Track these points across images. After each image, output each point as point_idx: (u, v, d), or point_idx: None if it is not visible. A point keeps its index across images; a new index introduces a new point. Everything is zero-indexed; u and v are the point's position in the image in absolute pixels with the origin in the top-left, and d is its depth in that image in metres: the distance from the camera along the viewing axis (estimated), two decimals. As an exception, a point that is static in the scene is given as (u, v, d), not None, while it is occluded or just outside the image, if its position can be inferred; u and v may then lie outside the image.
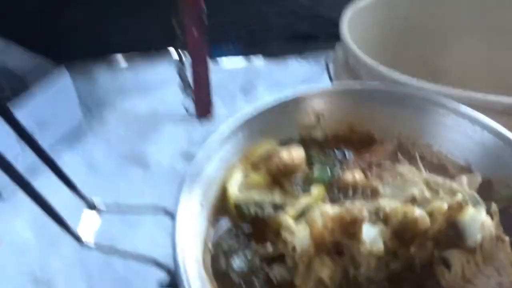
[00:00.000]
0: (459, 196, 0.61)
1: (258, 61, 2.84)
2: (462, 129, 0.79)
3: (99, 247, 0.66)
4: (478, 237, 0.58)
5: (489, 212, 0.60)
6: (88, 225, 0.68)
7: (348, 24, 1.25)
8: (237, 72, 2.73)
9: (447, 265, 0.62)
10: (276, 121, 0.88)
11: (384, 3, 1.42)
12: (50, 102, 2.17)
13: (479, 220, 0.59)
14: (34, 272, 1.69)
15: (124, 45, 2.74)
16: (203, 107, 2.31)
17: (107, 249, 0.67)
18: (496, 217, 0.60)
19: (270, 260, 0.67)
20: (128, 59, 2.80)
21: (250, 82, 2.63)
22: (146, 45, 2.75)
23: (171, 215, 0.69)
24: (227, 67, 2.78)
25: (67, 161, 2.20)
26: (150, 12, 2.48)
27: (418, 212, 0.60)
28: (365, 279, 0.62)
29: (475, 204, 0.62)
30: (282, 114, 0.88)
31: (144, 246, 1.67)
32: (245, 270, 0.66)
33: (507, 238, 0.60)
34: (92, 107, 2.46)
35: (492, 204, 0.62)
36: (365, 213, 0.59)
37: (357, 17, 1.34)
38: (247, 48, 2.83)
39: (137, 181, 2.04)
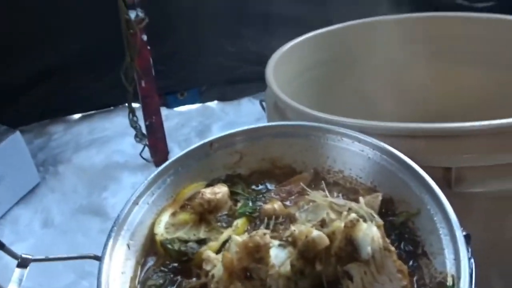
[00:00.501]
0: (353, 215, 0.69)
1: (212, 104, 2.95)
2: (365, 154, 0.89)
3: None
4: (369, 249, 0.65)
5: (377, 226, 0.68)
6: (16, 279, 0.72)
7: (275, 67, 1.37)
8: (192, 115, 2.82)
9: (350, 278, 0.69)
10: (203, 164, 0.95)
11: (309, 41, 1.55)
12: (5, 165, 2.19)
13: (370, 234, 0.67)
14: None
15: (79, 104, 2.80)
16: (159, 154, 2.37)
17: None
18: (381, 230, 0.68)
19: (194, 292, 0.73)
20: (84, 116, 2.85)
21: (205, 124, 2.73)
22: (101, 102, 2.82)
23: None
24: (182, 111, 2.87)
25: (23, 219, 2.19)
26: (102, 69, 2.57)
27: (315, 233, 0.67)
28: (277, 299, 0.68)
29: (369, 220, 0.70)
30: (208, 158, 0.95)
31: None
32: (170, 304, 0.71)
33: (393, 248, 0.67)
34: (48, 164, 2.48)
35: (377, 219, 0.70)
36: (267, 239, 0.66)
37: (285, 58, 1.46)
38: (203, 95, 2.94)
39: (95, 233, 2.05)
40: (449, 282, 0.64)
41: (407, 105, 1.54)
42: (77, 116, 2.87)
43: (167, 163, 0.91)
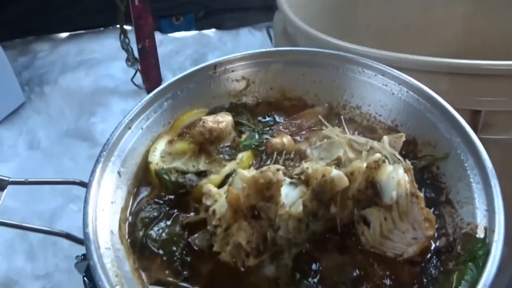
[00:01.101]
0: (377, 155, 0.61)
1: (210, 32, 2.77)
2: (388, 89, 0.79)
3: (6, 224, 0.62)
4: (394, 194, 0.58)
5: (405, 170, 0.60)
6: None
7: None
8: (187, 42, 2.65)
9: (367, 223, 0.62)
10: (205, 89, 0.85)
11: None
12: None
13: (395, 178, 0.59)
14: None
15: (67, 22, 2.60)
16: (151, 81, 2.23)
17: (9, 223, 0.63)
18: (411, 174, 0.60)
19: (191, 228, 0.65)
20: (71, 36, 2.66)
21: (201, 53, 2.57)
22: (91, 21, 2.62)
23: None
24: (177, 37, 2.69)
25: (7, 139, 2.09)
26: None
27: (335, 172, 0.59)
28: (286, 241, 0.61)
29: (394, 163, 0.62)
30: (211, 82, 0.85)
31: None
32: (164, 239, 0.64)
33: (421, 194, 0.60)
34: (33, 84, 2.33)
35: (406, 162, 0.62)
36: (281, 176, 0.58)
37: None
38: (199, 22, 2.75)
39: (83, 158, 1.96)
40: (480, 234, 0.57)
41: (425, 43, 1.42)
42: (64, 35, 2.67)
43: (165, 84, 0.80)
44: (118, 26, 2.07)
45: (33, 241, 1.74)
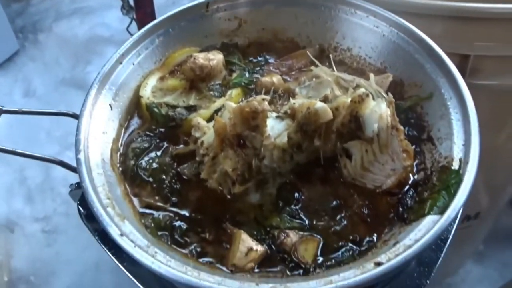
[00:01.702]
0: (362, 90, 0.62)
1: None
2: (379, 30, 0.79)
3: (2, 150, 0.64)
4: (375, 127, 0.60)
5: (387, 104, 0.62)
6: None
7: None
8: (184, -8, 2.60)
9: (349, 156, 0.65)
10: (197, 27, 0.85)
11: None
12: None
13: (378, 111, 0.61)
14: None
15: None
16: (147, 30, 2.20)
17: (10, 151, 0.65)
18: (392, 108, 0.62)
19: (180, 159, 0.68)
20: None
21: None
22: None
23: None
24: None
25: (2, 87, 2.09)
26: None
27: (319, 105, 0.61)
28: (270, 171, 0.64)
29: (377, 98, 0.64)
30: (203, 20, 0.85)
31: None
32: (155, 168, 0.67)
33: (401, 127, 0.62)
34: (27, 32, 2.30)
35: (389, 95, 0.63)
36: (266, 106, 0.60)
37: None
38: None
39: (78, 106, 1.97)
40: (455, 166, 0.60)
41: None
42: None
43: (156, 21, 0.80)
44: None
45: (31, 185, 1.79)
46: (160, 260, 0.52)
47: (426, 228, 0.54)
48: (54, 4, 2.46)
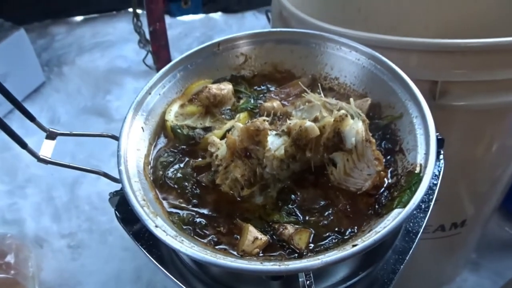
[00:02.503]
0: (342, 112, 0.78)
1: (216, 16, 2.93)
2: (360, 63, 0.96)
3: (54, 162, 0.81)
4: (353, 140, 0.76)
5: (362, 122, 0.78)
6: (46, 147, 0.83)
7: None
8: (195, 25, 2.82)
9: (334, 164, 0.81)
10: (210, 63, 1.02)
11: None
12: (11, 61, 2.23)
13: (355, 128, 0.77)
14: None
15: (82, 6, 2.77)
16: (161, 61, 2.41)
17: (61, 164, 0.82)
18: (365, 124, 0.78)
19: (199, 170, 0.84)
20: (86, 19, 2.84)
21: (208, 35, 2.74)
22: (103, 5, 2.79)
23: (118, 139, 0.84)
24: (185, 20, 2.86)
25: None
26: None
27: (308, 124, 0.77)
28: (271, 177, 0.80)
29: (355, 117, 0.80)
30: (215, 57, 1.03)
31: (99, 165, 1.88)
32: (179, 177, 0.83)
33: (373, 140, 0.78)
34: (52, 65, 2.53)
35: (362, 115, 0.79)
36: (266, 125, 0.76)
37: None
38: (206, 6, 2.90)
39: (100, 131, 2.16)
40: (417, 170, 0.75)
41: (408, 22, 1.58)
42: (79, 18, 2.85)
43: (178, 59, 0.98)
44: (130, 9, 2.24)
45: (57, 204, 1.96)
46: (186, 245, 0.68)
47: (392, 218, 0.69)
48: (77, 39, 2.69)
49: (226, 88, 0.96)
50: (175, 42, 2.60)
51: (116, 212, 0.88)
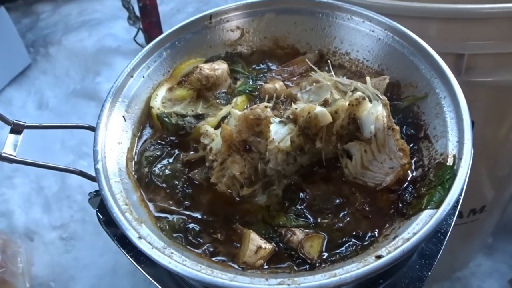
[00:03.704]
0: (358, 94, 0.66)
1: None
2: (375, 34, 0.83)
3: (20, 161, 0.69)
4: (372, 128, 0.64)
5: (383, 105, 0.66)
6: (11, 143, 0.70)
7: None
8: (188, 0, 2.65)
9: (349, 156, 0.69)
10: (202, 39, 0.89)
11: None
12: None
13: (374, 113, 0.64)
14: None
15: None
16: (153, 38, 2.26)
17: (30, 162, 0.70)
18: (387, 109, 0.65)
19: (191, 165, 0.72)
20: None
21: (202, 11, 2.57)
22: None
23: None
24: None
25: (16, 100, 2.16)
26: None
27: (318, 109, 0.65)
28: (276, 173, 0.68)
29: (374, 100, 0.67)
30: (207, 32, 0.89)
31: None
32: (167, 174, 0.71)
33: (397, 127, 0.66)
34: (38, 46, 2.38)
35: (382, 97, 0.67)
36: (269, 113, 0.64)
37: None
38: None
39: (91, 117, 2.04)
40: (450, 162, 0.63)
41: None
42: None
43: (163, 35, 0.85)
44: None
45: (48, 194, 1.85)
46: (176, 260, 0.57)
47: (423, 222, 0.58)
48: (63, 17, 2.53)
49: (221, 67, 0.83)
50: (167, 18, 2.44)
51: (98, 213, 0.77)
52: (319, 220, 0.66)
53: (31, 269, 1.63)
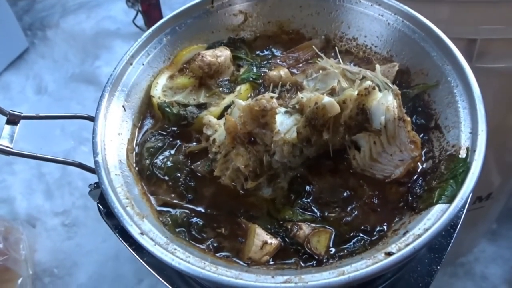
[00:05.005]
0: (368, 83, 0.63)
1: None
2: (384, 19, 0.79)
3: (17, 153, 0.67)
4: (383, 119, 0.61)
5: (393, 95, 0.63)
6: (6, 135, 0.68)
7: None
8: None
9: (357, 148, 0.66)
10: (203, 24, 0.86)
11: None
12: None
13: (385, 103, 0.62)
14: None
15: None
16: (153, 22, 2.21)
17: (27, 154, 0.68)
18: (399, 99, 0.63)
19: (193, 157, 0.70)
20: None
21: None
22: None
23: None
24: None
25: (15, 85, 2.12)
26: None
27: (326, 100, 0.62)
28: (281, 165, 0.65)
29: (384, 89, 0.65)
30: (209, 17, 0.85)
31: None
32: (169, 166, 0.69)
33: (408, 118, 0.63)
34: (35, 29, 2.33)
35: (394, 87, 0.64)
36: (275, 104, 0.61)
37: None
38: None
39: (90, 102, 2.01)
40: (462, 154, 0.61)
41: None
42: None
43: (162, 20, 0.81)
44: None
45: (49, 180, 1.84)
46: (180, 257, 0.55)
47: (435, 217, 0.56)
48: (60, -1, 2.47)
49: (223, 54, 0.80)
50: (167, 0, 2.38)
51: (99, 205, 0.76)
52: (326, 213, 0.64)
53: (34, 255, 1.62)
